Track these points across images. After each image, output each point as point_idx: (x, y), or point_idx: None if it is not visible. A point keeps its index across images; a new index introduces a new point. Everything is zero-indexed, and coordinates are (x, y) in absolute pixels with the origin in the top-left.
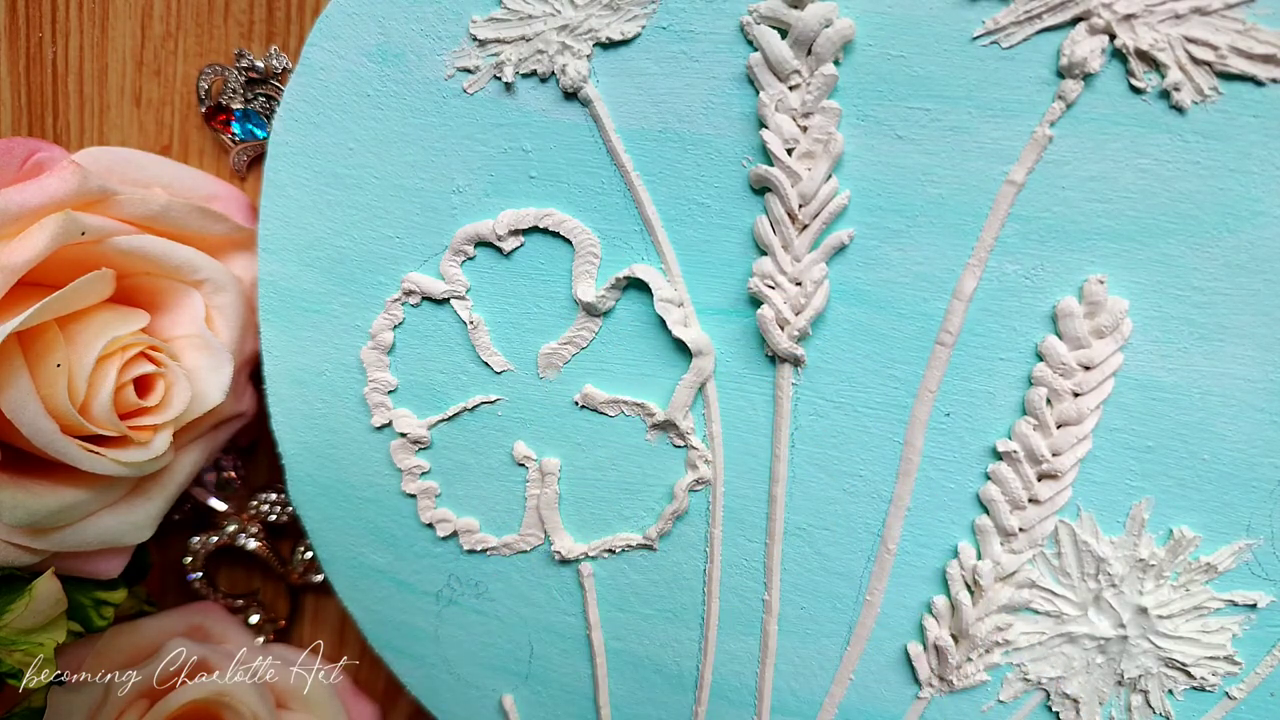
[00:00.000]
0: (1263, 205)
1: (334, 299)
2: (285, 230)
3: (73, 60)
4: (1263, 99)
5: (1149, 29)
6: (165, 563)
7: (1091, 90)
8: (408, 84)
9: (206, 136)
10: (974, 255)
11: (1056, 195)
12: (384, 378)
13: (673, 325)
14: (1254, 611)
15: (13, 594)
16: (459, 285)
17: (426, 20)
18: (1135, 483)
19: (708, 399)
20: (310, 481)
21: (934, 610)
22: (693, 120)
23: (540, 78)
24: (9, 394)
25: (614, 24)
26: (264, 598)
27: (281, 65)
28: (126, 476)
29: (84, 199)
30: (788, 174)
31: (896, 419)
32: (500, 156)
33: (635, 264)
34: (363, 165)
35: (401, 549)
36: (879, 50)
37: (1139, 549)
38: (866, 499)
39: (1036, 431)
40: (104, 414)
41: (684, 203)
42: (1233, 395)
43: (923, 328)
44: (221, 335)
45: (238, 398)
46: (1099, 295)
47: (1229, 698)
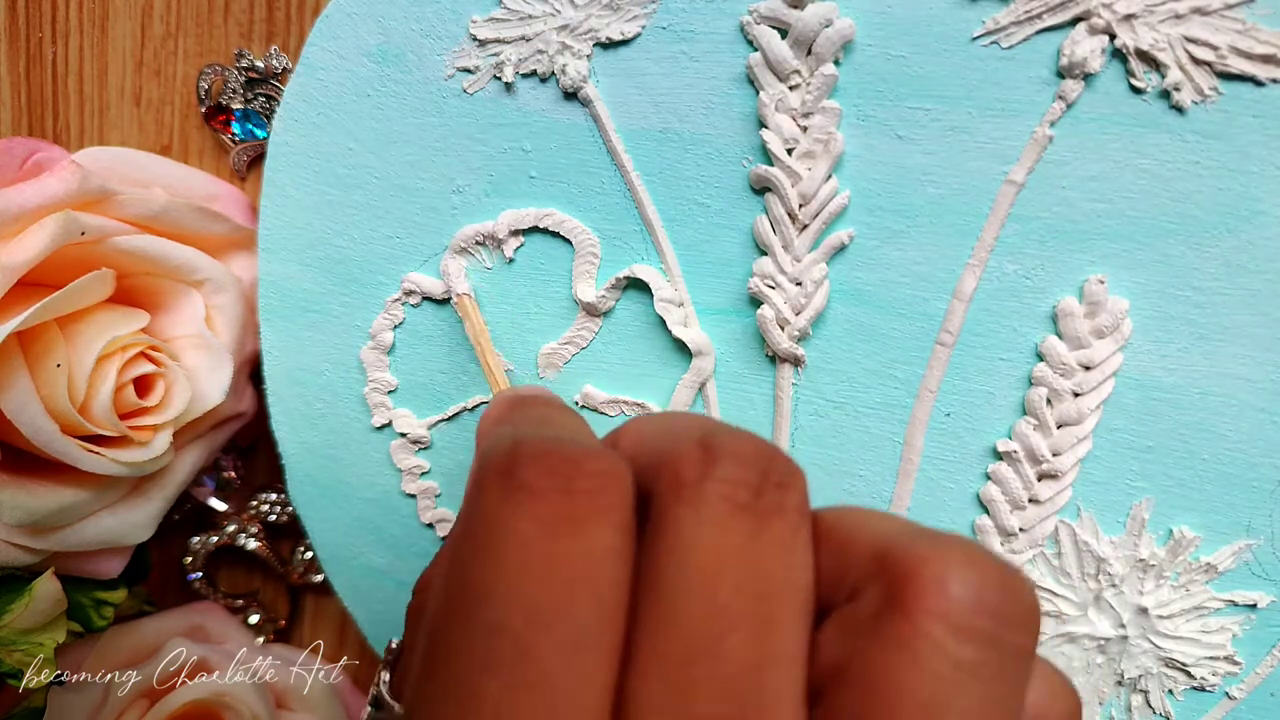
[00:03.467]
0: (1263, 205)
1: (334, 299)
2: (285, 230)
3: (73, 60)
4: (1263, 99)
5: (1149, 29)
6: (165, 563)
7: (1091, 90)
8: (408, 84)
9: (206, 136)
10: (974, 255)
11: (1056, 195)
12: (384, 378)
13: (673, 325)
14: (1254, 611)
15: (13, 594)
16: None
17: (426, 20)
18: (1135, 483)
19: (708, 399)
20: (310, 481)
21: None
22: (693, 120)
23: (540, 78)
24: (9, 394)
25: (614, 24)
26: (264, 598)
27: (281, 65)
28: (126, 476)
29: (84, 199)
30: (788, 174)
31: (896, 419)
32: (500, 156)
33: (635, 264)
34: (363, 165)
35: (401, 549)
36: (879, 50)
37: (1139, 549)
38: (866, 499)
39: (1036, 431)
40: (104, 414)
41: (684, 203)
42: (1233, 395)
43: (923, 328)
44: (221, 335)
45: (238, 398)
46: (1099, 295)
47: (1229, 698)
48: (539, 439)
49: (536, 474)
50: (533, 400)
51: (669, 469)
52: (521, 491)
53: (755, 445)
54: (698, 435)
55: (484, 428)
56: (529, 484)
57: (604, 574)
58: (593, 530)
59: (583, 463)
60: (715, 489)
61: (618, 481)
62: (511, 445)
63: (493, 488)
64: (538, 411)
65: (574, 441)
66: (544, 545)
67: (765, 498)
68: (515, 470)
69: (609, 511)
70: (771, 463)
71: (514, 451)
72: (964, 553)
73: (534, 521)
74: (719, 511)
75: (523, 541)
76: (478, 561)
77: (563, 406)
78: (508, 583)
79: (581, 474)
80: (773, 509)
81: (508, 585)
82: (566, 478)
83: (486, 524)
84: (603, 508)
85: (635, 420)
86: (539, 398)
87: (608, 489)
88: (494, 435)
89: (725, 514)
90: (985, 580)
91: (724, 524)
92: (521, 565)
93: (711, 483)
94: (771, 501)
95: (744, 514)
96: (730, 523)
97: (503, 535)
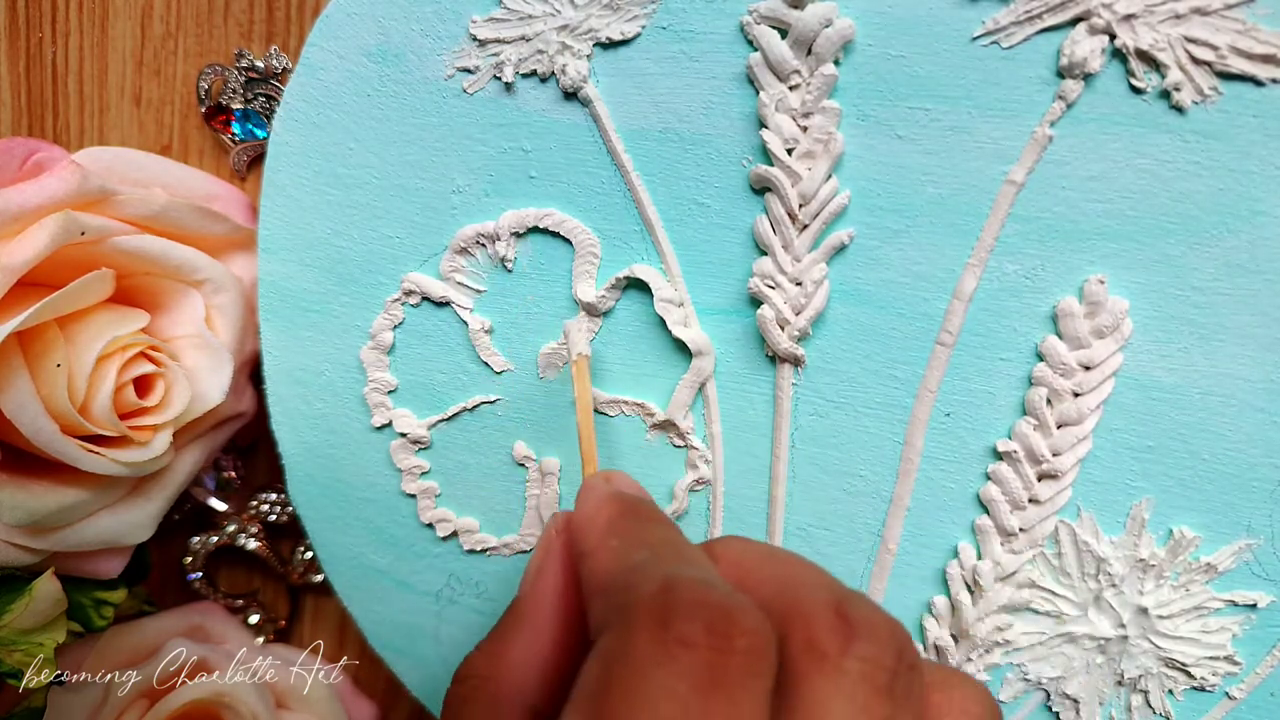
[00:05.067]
0: (1263, 205)
1: (334, 299)
2: (285, 230)
3: (73, 60)
4: (1263, 99)
5: (1149, 29)
6: (165, 563)
7: (1091, 90)
8: (408, 84)
9: (206, 136)
10: (974, 255)
11: (1056, 195)
12: (384, 378)
13: (673, 325)
14: (1254, 611)
15: (13, 594)
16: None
17: (426, 20)
18: (1135, 483)
19: (708, 399)
20: (310, 481)
21: (934, 610)
22: (693, 120)
23: (540, 78)
24: (9, 394)
25: (614, 24)
26: (264, 598)
27: (281, 65)
28: (126, 476)
29: (84, 199)
30: (788, 174)
31: (896, 419)
32: (500, 156)
33: (635, 264)
34: (363, 165)
35: (401, 549)
36: (879, 50)
37: (1139, 549)
38: (866, 499)
39: (1037, 431)
40: (104, 414)
41: (684, 203)
42: (1233, 395)
43: (923, 328)
44: (221, 335)
45: (238, 398)
46: (1099, 295)
47: (1229, 698)
48: (695, 585)
49: (695, 630)
50: (649, 515)
51: (802, 631)
52: (679, 646)
53: (889, 623)
54: (830, 599)
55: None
56: (687, 639)
57: None
58: (743, 698)
59: (740, 620)
60: (857, 667)
61: (769, 644)
62: (665, 586)
63: (646, 637)
64: (665, 534)
65: (731, 593)
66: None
67: (899, 681)
68: (672, 621)
69: (760, 677)
70: (905, 643)
71: (670, 598)
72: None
73: (689, 681)
74: (860, 691)
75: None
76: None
77: (678, 528)
78: None
79: (739, 633)
80: (905, 694)
81: None
82: (725, 637)
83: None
84: (755, 672)
85: (736, 549)
86: (654, 512)
87: (761, 652)
88: (634, 562)
89: (866, 695)
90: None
91: (865, 705)
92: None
93: (852, 660)
94: (904, 686)
95: (882, 697)
96: (871, 705)
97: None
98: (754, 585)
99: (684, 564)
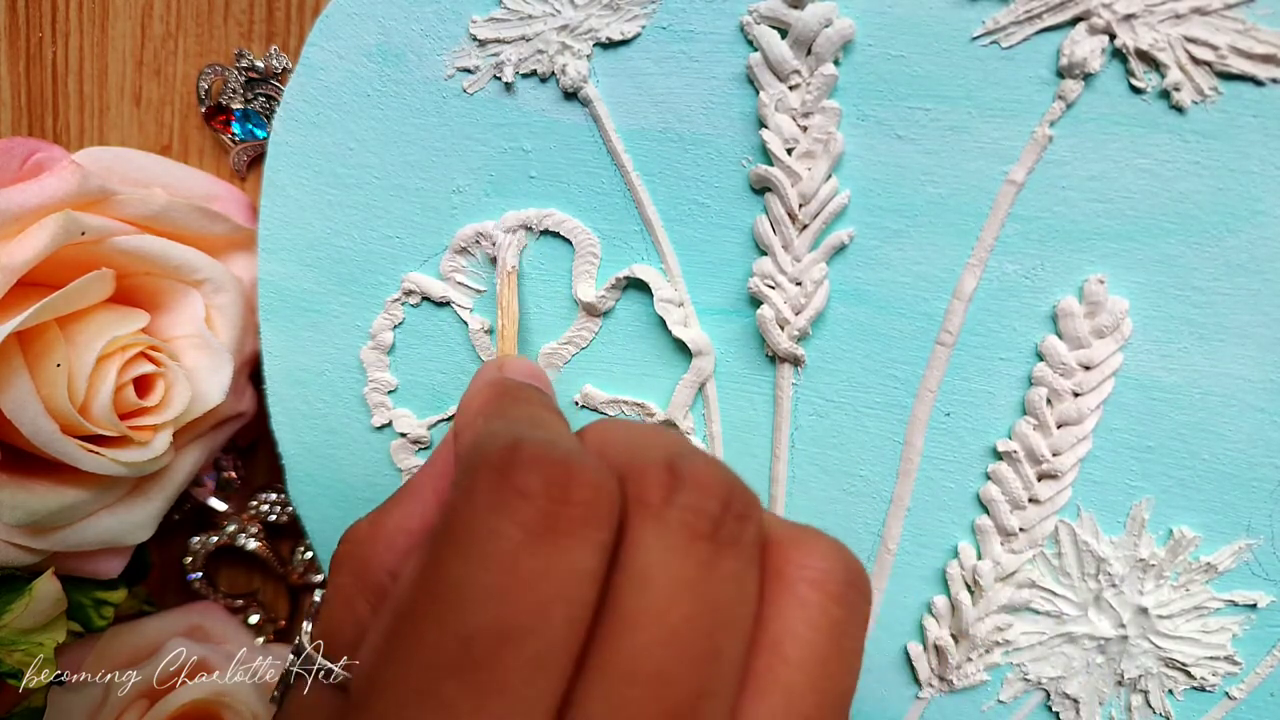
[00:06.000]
0: (1263, 205)
1: (334, 299)
2: (285, 230)
3: (73, 60)
4: (1263, 99)
5: (1149, 29)
6: (165, 563)
7: (1091, 90)
8: (408, 84)
9: (206, 136)
10: (974, 255)
11: (1056, 195)
12: (384, 378)
13: (673, 325)
14: (1254, 611)
15: (13, 594)
16: (466, 294)
17: (426, 20)
18: (1135, 483)
19: (708, 399)
20: (310, 481)
21: (934, 610)
22: (693, 120)
23: (540, 78)
24: (9, 394)
25: (614, 24)
26: (264, 598)
27: (281, 65)
28: (126, 476)
29: (84, 199)
30: (788, 174)
31: (896, 419)
32: (500, 156)
33: (635, 264)
34: (363, 165)
35: None
36: (879, 50)
37: (1139, 549)
38: (866, 499)
39: (1036, 431)
40: (104, 414)
41: (684, 203)
42: (1233, 395)
43: (923, 328)
44: (221, 335)
45: (238, 398)
46: (1099, 295)
47: (1229, 698)
48: (541, 442)
49: (534, 480)
50: (525, 398)
51: (634, 485)
52: (515, 495)
53: (719, 473)
54: (664, 455)
55: (468, 414)
56: (524, 488)
57: (579, 595)
58: (576, 548)
59: (580, 474)
60: (677, 515)
61: (609, 498)
62: (511, 444)
63: (485, 486)
64: (531, 412)
65: (575, 451)
66: (528, 556)
67: (724, 529)
68: (512, 472)
69: (595, 529)
70: (733, 493)
71: (513, 452)
72: None
73: (522, 528)
74: (679, 538)
75: (508, 548)
76: (459, 561)
77: (553, 407)
78: (485, 591)
79: (577, 485)
80: (730, 540)
81: (485, 594)
82: (563, 488)
83: (472, 523)
84: (591, 523)
85: (602, 425)
86: (532, 396)
87: (599, 505)
88: (489, 429)
89: (685, 541)
90: None
91: (683, 551)
92: (502, 576)
93: (674, 508)
94: (729, 533)
95: (702, 543)
96: (689, 550)
97: (488, 538)
98: (610, 453)
99: (536, 429)
